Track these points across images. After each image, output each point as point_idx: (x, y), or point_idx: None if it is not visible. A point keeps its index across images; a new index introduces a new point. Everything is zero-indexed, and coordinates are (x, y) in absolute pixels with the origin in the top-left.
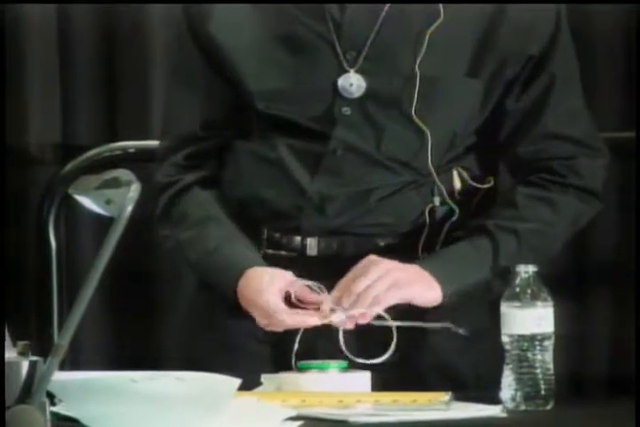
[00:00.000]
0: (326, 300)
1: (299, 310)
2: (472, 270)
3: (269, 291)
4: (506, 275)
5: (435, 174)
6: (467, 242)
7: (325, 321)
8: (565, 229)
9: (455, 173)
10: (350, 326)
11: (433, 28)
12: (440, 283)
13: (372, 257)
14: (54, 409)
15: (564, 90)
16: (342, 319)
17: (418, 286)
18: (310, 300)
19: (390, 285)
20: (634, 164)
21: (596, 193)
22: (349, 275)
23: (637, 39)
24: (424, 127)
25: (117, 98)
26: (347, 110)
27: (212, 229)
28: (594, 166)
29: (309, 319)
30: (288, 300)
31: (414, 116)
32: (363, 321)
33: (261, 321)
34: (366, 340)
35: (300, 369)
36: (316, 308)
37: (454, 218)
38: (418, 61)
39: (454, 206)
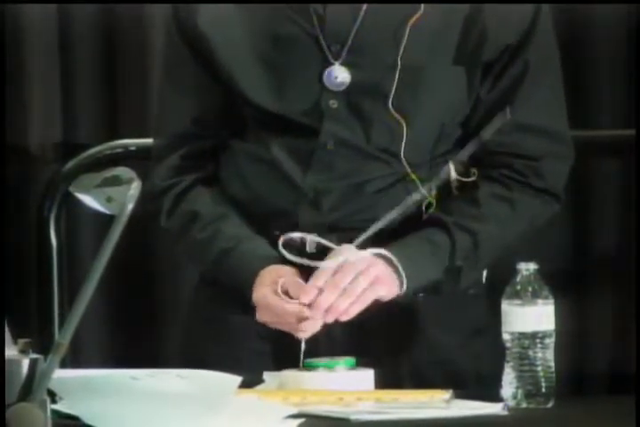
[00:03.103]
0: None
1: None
2: (430, 270)
3: (263, 284)
4: (454, 275)
5: (407, 166)
6: (426, 239)
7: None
8: (521, 230)
9: (452, 167)
10: (330, 319)
11: (413, 19)
12: (401, 281)
13: (345, 247)
14: (55, 407)
15: (538, 81)
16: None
17: (388, 282)
18: (294, 292)
19: (371, 281)
20: (634, 163)
21: (557, 195)
22: (328, 267)
23: (637, 38)
24: (401, 119)
25: (118, 96)
26: (333, 103)
27: (228, 228)
28: (558, 169)
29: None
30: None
31: (390, 107)
32: (344, 318)
33: (268, 319)
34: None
35: (307, 367)
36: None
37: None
38: (400, 52)
39: (432, 201)
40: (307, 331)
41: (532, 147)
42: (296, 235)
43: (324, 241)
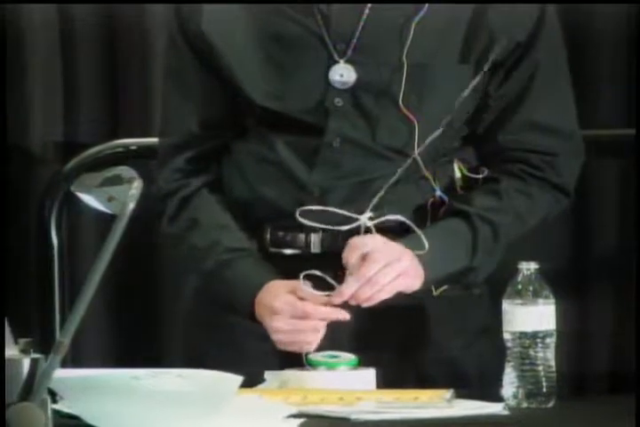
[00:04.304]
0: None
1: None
2: (451, 261)
3: (282, 292)
4: (474, 268)
5: (422, 164)
6: (450, 231)
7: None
8: (533, 225)
9: (456, 166)
10: (352, 303)
11: (418, 17)
12: (425, 272)
13: (377, 238)
14: (55, 407)
15: (548, 80)
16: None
17: (414, 274)
18: (316, 298)
19: (399, 273)
20: (634, 163)
21: (568, 193)
22: (356, 254)
23: (637, 38)
24: (412, 117)
25: (119, 95)
26: (339, 101)
27: (226, 240)
28: (572, 166)
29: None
30: None
31: (402, 106)
32: (367, 304)
33: (286, 326)
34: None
35: (310, 364)
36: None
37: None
38: (405, 51)
39: (446, 198)
40: (313, 343)
41: (546, 144)
42: (317, 208)
43: (344, 212)
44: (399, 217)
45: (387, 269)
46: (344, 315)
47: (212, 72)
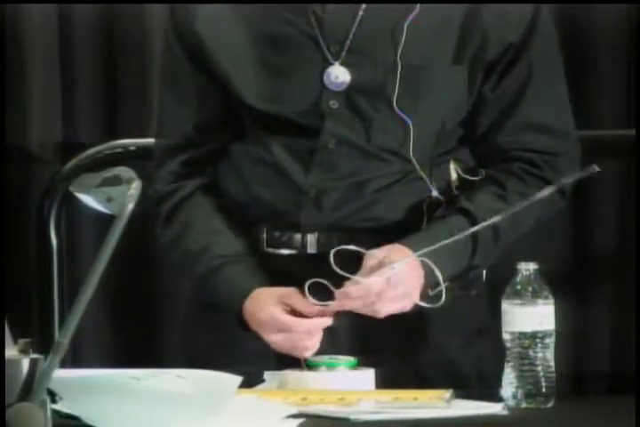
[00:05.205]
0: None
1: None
2: (451, 265)
3: (269, 304)
4: (472, 268)
5: (417, 165)
6: (453, 232)
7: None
8: (527, 228)
9: (452, 167)
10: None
11: (410, 18)
12: (426, 277)
13: (393, 253)
14: (55, 407)
15: (544, 80)
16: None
17: (409, 305)
18: (306, 310)
19: (402, 307)
20: (634, 163)
21: (565, 193)
22: (369, 269)
23: (637, 38)
24: (406, 118)
25: (118, 96)
26: (334, 103)
27: (216, 246)
28: (571, 166)
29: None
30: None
31: (396, 107)
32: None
33: (278, 338)
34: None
35: (308, 367)
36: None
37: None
38: (399, 52)
39: (442, 200)
40: (311, 347)
41: (545, 144)
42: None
43: (353, 247)
44: (353, 247)
45: (393, 305)
46: (328, 322)
47: (207, 74)
